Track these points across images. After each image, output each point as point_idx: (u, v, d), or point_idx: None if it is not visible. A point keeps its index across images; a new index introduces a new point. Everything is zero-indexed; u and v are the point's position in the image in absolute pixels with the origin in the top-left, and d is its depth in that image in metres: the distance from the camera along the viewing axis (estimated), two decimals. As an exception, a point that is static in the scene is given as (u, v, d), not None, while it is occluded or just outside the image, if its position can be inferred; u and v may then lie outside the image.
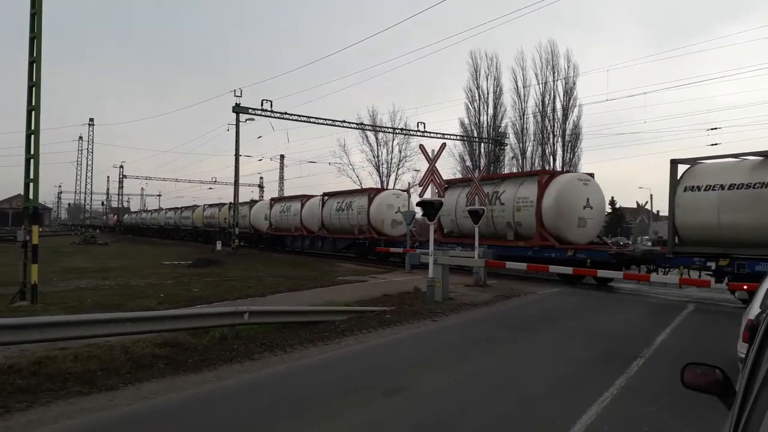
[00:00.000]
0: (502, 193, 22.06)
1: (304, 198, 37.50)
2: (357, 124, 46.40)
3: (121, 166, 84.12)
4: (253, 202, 48.17)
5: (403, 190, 33.43)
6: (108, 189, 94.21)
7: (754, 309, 6.44)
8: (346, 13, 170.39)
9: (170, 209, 72.26)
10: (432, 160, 15.53)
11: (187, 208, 64.63)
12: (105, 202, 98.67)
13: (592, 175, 21.41)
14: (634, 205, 74.57)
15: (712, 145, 39.15)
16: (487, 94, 50.78)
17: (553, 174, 20.55)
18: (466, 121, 51.56)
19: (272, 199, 44.62)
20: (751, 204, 14.41)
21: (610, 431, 5.32)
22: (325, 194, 35.17)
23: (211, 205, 55.68)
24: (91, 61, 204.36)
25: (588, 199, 20.11)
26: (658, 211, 62.51)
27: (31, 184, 13.29)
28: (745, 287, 13.34)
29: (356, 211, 30.88)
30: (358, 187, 47.29)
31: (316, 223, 34.87)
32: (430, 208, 14.82)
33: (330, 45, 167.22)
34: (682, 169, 16.67)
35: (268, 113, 36.61)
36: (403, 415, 5.80)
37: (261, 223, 42.87)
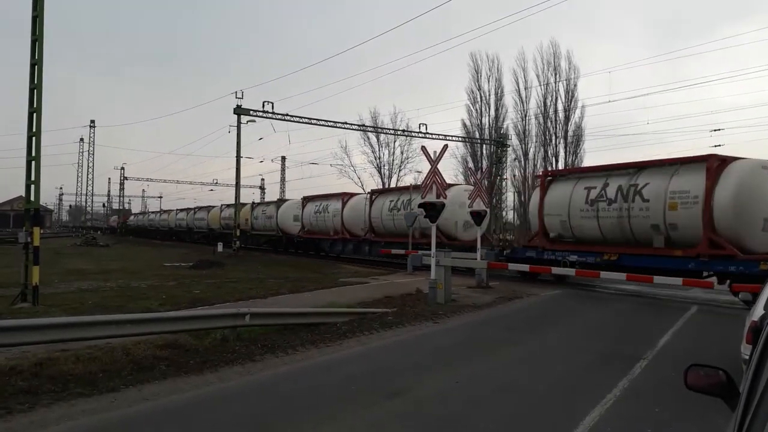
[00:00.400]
0: (643, 186, 16.82)
1: (345, 196, 32.70)
2: (358, 125, 46.42)
3: (122, 168, 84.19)
4: (280, 201, 42.05)
5: None
6: (109, 191, 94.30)
7: (758, 311, 6.41)
8: (347, 15, 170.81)
9: (182, 210, 67.38)
10: (434, 162, 15.54)
11: (201, 208, 59.34)
12: (106, 204, 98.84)
13: None
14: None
15: (716, 146, 39.04)
16: (489, 95, 50.74)
17: (726, 159, 15.52)
18: (468, 122, 51.58)
19: (305, 198, 38.10)
20: None
21: (613, 433, 5.30)
22: (373, 191, 31.64)
23: (229, 205, 49.72)
24: (92, 62, 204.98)
25: None
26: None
27: (33, 186, 13.31)
28: (748, 289, 13.30)
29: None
30: (415, 183, 41.66)
31: (362, 225, 30.23)
32: (432, 209, 14.83)
33: (331, 47, 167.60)
34: None
35: (270, 115, 36.62)
36: (405, 417, 5.78)
37: (290, 225, 38.14)
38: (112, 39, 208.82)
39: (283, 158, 73.78)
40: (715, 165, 15.41)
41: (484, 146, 50.82)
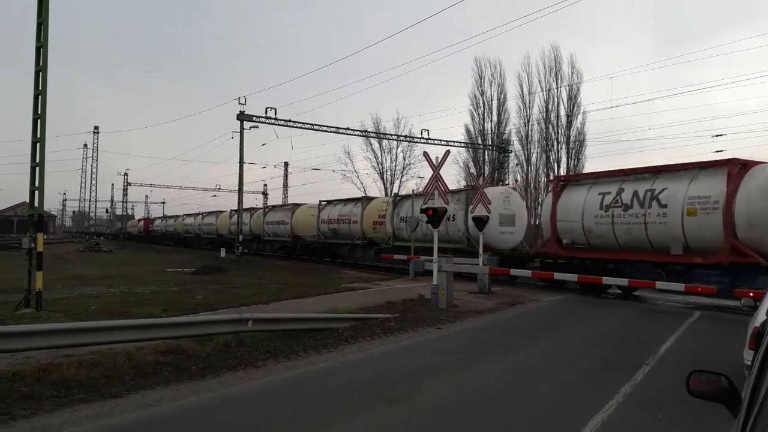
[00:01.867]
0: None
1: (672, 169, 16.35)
2: (361, 131, 46.47)
3: (126, 174, 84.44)
4: (464, 192, 25.20)
5: None
6: (112, 196, 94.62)
7: (760, 316, 6.39)
8: (350, 21, 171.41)
9: (240, 211, 43.51)
10: (436, 168, 15.58)
11: (276, 208, 43.17)
12: (109, 210, 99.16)
13: None
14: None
15: (717, 151, 39.01)
16: (492, 100, 50.83)
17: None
18: (471, 127, 51.62)
19: (564, 178, 22.81)
20: None
21: (616, 439, 5.29)
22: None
23: (332, 201, 35.22)
24: (95, 68, 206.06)
25: None
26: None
27: (37, 192, 13.34)
28: (751, 294, 13.25)
29: None
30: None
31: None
32: (435, 215, 14.83)
33: (334, 52, 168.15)
34: None
35: (272, 121, 36.72)
36: (407, 423, 5.79)
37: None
38: (117, 45, 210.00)
39: (286, 164, 73.95)
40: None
41: (487, 151, 50.88)
